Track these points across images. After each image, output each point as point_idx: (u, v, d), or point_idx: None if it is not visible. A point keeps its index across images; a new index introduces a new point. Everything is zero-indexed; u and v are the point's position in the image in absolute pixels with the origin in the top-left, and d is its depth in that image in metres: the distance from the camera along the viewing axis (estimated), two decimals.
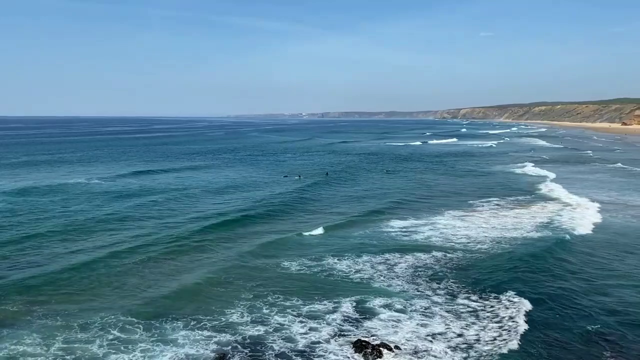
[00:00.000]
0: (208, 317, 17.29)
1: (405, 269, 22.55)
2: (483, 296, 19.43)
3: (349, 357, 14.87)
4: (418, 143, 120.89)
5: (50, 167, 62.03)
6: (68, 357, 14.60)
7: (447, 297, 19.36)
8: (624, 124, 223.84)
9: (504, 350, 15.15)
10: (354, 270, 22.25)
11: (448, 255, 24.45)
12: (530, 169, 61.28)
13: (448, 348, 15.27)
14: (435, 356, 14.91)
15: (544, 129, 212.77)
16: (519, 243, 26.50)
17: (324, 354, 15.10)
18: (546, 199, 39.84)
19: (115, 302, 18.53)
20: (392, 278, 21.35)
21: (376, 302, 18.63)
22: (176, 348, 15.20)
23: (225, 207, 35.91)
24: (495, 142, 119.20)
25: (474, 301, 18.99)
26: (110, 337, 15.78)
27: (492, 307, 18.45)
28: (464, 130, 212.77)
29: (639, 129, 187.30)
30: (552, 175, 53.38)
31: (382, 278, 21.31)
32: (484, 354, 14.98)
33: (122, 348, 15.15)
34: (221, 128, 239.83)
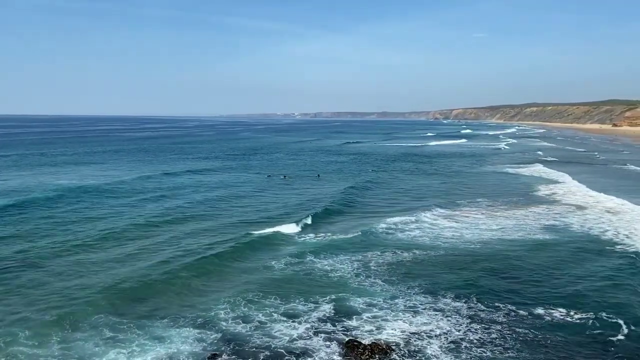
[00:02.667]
0: (199, 316, 17.23)
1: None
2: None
3: (340, 357, 14.76)
4: (433, 143, 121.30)
5: (38, 168, 61.69)
6: (62, 355, 14.57)
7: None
8: (615, 125, 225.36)
9: (495, 352, 15.14)
10: (347, 270, 22.16)
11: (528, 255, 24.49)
12: (548, 170, 60.24)
13: (440, 348, 15.23)
14: (428, 356, 14.84)
15: (541, 130, 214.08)
16: (596, 255, 24.91)
17: (315, 353, 15.00)
18: (583, 201, 38.83)
19: (104, 300, 18.52)
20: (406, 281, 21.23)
21: (372, 302, 18.59)
22: (168, 346, 15.15)
23: (210, 208, 35.81)
24: (505, 144, 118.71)
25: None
26: (103, 335, 15.75)
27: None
28: (467, 131, 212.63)
29: (630, 131, 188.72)
30: (573, 176, 52.58)
31: (377, 279, 21.26)
32: (475, 354, 14.95)
33: (114, 345, 15.13)
34: (212, 128, 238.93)
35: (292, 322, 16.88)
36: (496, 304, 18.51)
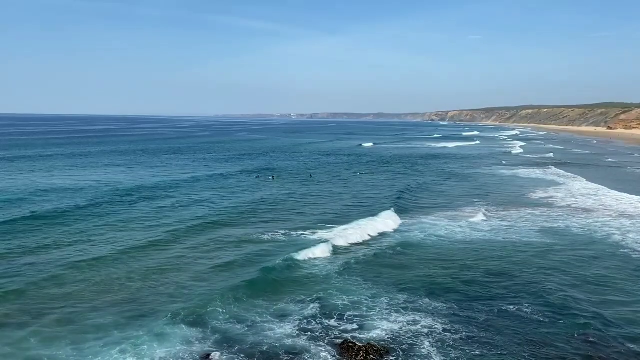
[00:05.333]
0: (193, 316, 17.04)
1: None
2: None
3: (335, 359, 14.67)
4: (452, 145, 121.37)
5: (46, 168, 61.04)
6: (61, 353, 14.45)
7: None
8: (609, 128, 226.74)
9: (485, 351, 15.16)
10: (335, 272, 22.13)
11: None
12: (565, 173, 59.43)
13: (432, 347, 15.25)
14: (423, 356, 14.81)
15: (542, 133, 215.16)
16: None
17: (310, 354, 14.87)
18: (609, 204, 38.83)
19: (99, 300, 18.36)
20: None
21: (362, 302, 18.52)
22: (162, 346, 14.95)
23: (200, 210, 35.60)
24: (518, 146, 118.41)
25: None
26: (97, 335, 15.56)
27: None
28: (475, 133, 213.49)
29: (624, 133, 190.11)
30: (591, 179, 52.24)
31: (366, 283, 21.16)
32: (467, 352, 14.96)
33: (107, 346, 14.93)
34: (209, 128, 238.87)
35: (284, 322, 16.82)
36: (491, 304, 18.52)
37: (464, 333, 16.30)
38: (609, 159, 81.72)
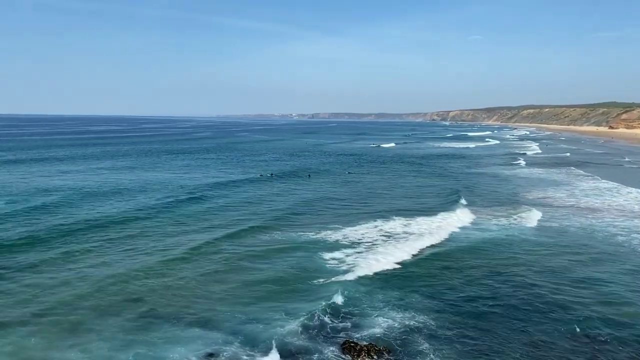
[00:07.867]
0: (197, 317, 17.16)
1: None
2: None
3: (338, 359, 14.78)
4: (472, 145, 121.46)
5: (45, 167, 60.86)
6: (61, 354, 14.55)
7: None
8: (611, 127, 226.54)
9: (482, 350, 15.31)
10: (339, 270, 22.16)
11: None
12: (588, 174, 58.06)
13: (432, 347, 15.35)
14: (424, 356, 14.91)
15: (548, 133, 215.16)
16: None
17: (311, 355, 14.93)
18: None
19: (102, 302, 18.39)
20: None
21: (359, 300, 18.68)
22: (167, 347, 15.06)
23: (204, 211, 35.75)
24: (535, 145, 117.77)
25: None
26: (100, 338, 15.60)
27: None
28: (487, 132, 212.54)
29: (626, 133, 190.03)
30: (618, 180, 51.66)
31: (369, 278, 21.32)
32: (464, 352, 15.12)
33: (112, 349, 15.00)
34: (209, 128, 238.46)
35: (283, 321, 16.85)
36: (490, 304, 18.65)
37: (476, 336, 16.39)
38: (627, 159, 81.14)
